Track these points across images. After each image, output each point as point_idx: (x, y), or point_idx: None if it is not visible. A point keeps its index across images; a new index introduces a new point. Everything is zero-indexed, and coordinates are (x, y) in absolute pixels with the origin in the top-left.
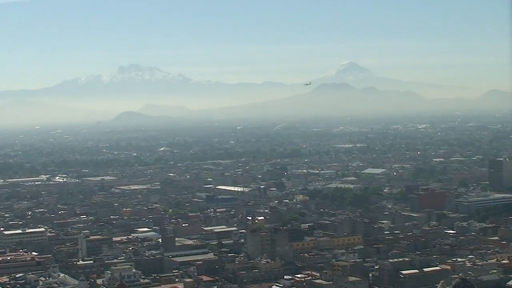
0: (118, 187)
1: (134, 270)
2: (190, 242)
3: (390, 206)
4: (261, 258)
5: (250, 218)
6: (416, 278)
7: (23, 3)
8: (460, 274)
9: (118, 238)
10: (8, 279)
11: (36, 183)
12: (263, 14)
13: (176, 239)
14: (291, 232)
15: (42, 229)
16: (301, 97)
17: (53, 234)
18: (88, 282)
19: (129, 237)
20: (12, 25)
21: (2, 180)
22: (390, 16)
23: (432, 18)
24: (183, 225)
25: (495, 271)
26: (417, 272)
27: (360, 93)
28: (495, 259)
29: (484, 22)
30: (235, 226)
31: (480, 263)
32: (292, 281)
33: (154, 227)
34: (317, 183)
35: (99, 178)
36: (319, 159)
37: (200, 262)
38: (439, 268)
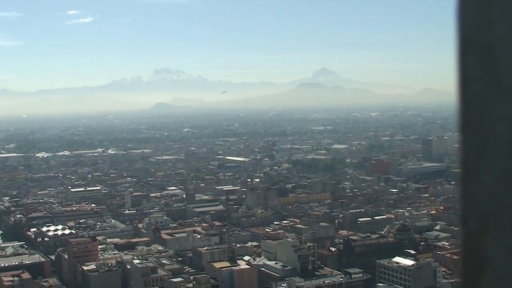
0: (154, 157)
1: (165, 218)
2: (206, 197)
3: (350, 172)
4: (257, 209)
5: (249, 180)
6: (369, 224)
7: (86, 24)
8: (400, 221)
9: (154, 194)
10: (74, 224)
11: (94, 154)
12: (260, 31)
13: (195, 195)
14: (279, 190)
15: (99, 188)
16: (286, 93)
17: (106, 191)
18: (132, 226)
19: (162, 193)
20: (79, 40)
21: (69, 152)
22: (352, 33)
23: (382, 34)
24: (201, 185)
25: (426, 219)
26: (370, 220)
27: (330, 90)
28: (426, 210)
29: (420, 38)
30: (238, 186)
31: (415, 213)
32: (280, 225)
33: (180, 186)
34: (298, 155)
35: (140, 151)
36: (300, 137)
37: (213, 212)
38: (386, 216)
